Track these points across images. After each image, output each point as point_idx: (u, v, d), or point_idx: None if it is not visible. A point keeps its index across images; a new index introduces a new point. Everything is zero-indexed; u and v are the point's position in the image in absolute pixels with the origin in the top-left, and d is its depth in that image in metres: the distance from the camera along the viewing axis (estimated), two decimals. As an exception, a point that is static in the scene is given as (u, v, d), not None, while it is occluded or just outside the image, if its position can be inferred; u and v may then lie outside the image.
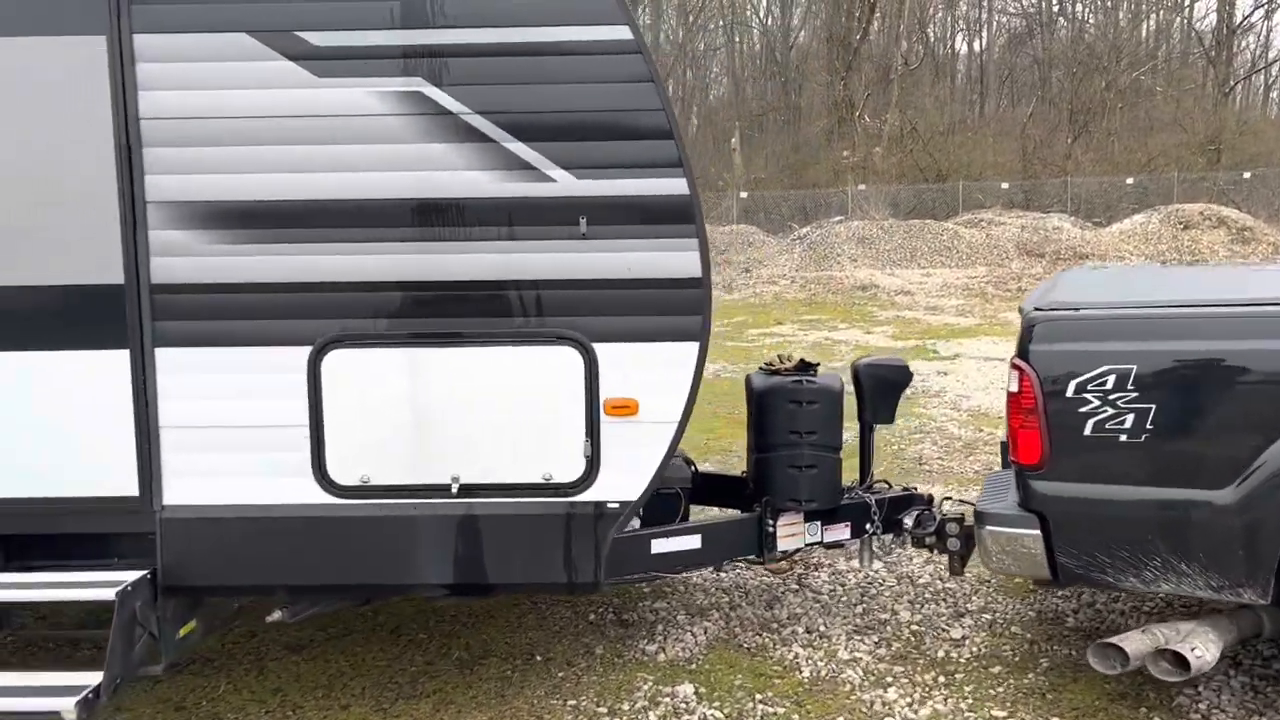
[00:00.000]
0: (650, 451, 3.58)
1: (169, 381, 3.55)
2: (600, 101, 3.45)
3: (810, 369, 4.73)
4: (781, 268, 23.27)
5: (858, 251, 24.01)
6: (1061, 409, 3.64)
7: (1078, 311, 3.72)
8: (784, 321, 16.47)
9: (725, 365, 12.25)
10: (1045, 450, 3.68)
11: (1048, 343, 3.69)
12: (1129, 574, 3.65)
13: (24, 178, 3.46)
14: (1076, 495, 3.66)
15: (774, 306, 18.66)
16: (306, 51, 3.42)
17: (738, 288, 21.51)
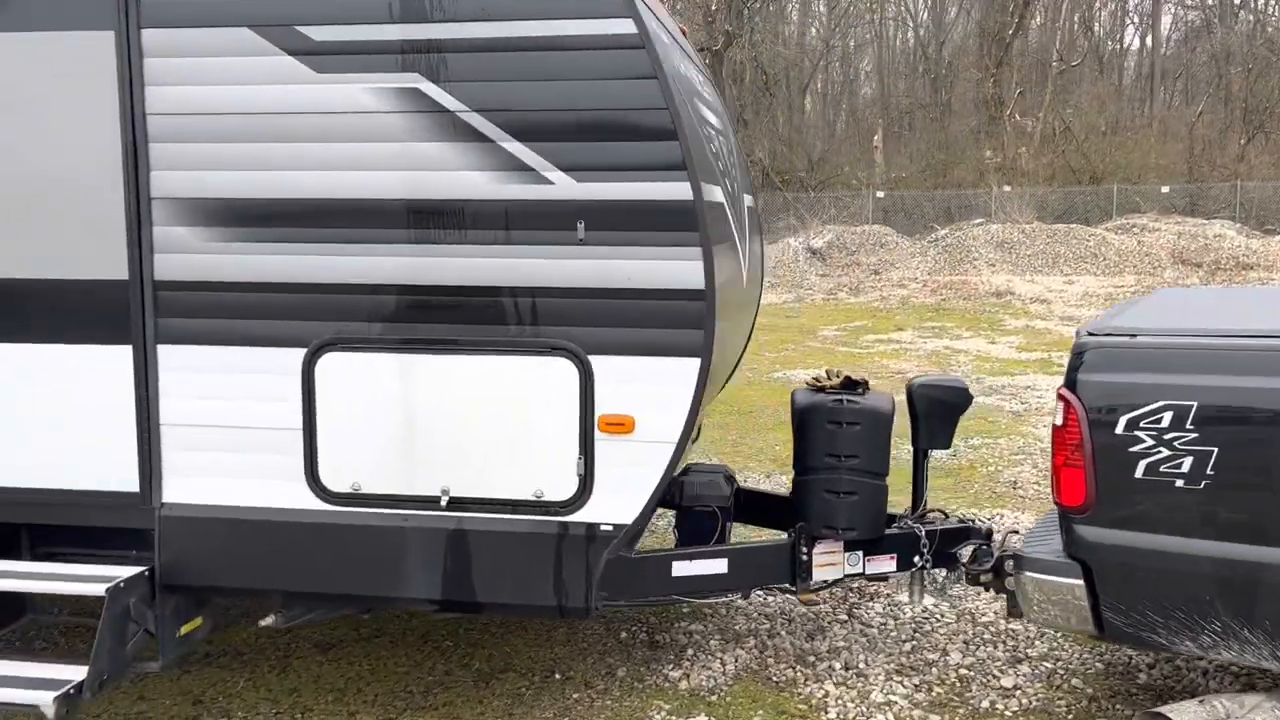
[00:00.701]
0: (646, 473, 3.36)
1: (170, 379, 3.53)
2: (601, 99, 3.25)
3: (856, 387, 4.41)
4: (913, 271, 22.46)
5: (996, 256, 22.97)
6: (1110, 447, 3.24)
7: (1134, 338, 3.30)
8: (905, 327, 15.85)
9: (831, 372, 11.82)
10: (1091, 492, 3.28)
11: (1098, 372, 3.29)
12: (1184, 637, 3.22)
13: (33, 172, 3.49)
14: (1125, 544, 3.26)
15: (898, 311, 18.01)
16: (306, 46, 3.33)
17: (864, 290, 20.87)
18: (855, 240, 24.35)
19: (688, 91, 3.77)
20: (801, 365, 12.33)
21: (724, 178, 4.21)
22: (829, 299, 20.10)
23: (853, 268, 22.90)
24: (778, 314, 17.89)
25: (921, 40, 48.50)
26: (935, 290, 20.46)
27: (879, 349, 13.70)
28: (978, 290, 20.24)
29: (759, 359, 12.86)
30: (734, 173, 4.71)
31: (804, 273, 22.56)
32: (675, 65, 3.64)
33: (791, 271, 22.69)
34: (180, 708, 4.14)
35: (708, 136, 4.03)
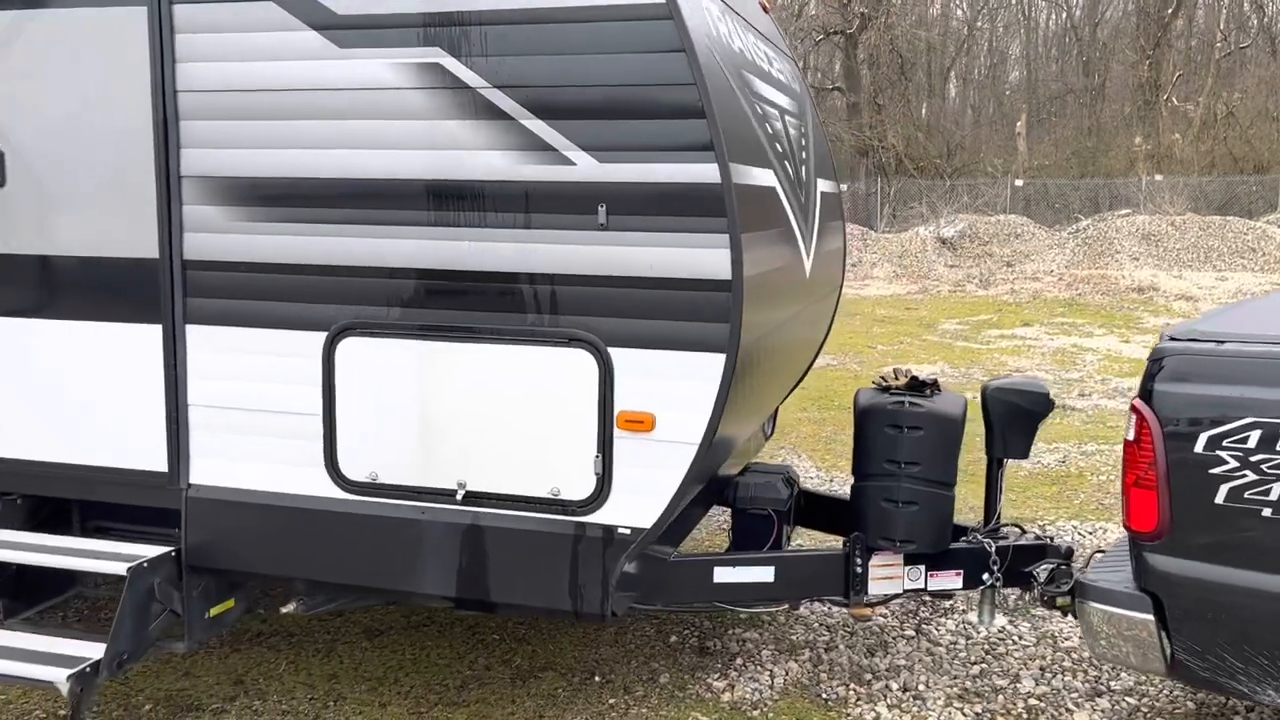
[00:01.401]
0: (667, 475, 3.15)
1: (198, 359, 3.50)
2: (625, 75, 3.03)
3: (924, 388, 4.08)
4: (1049, 263, 21.38)
5: (1140, 249, 21.66)
6: (1187, 467, 2.86)
7: (1220, 345, 2.91)
8: (1032, 323, 15.05)
9: (945, 368, 11.31)
10: (1163, 517, 2.91)
11: (1177, 382, 2.91)
12: (1268, 685, 2.83)
13: (69, 149, 3.51)
14: (1201, 578, 2.88)
15: (1028, 305, 17.13)
16: (329, 21, 3.23)
17: (994, 283, 19.95)
18: (989, 230, 23.34)
19: (734, 65, 3.52)
20: (914, 359, 11.82)
21: (783, 160, 3.94)
22: (955, 291, 19.30)
23: (984, 259, 21.96)
24: (898, 305, 17.28)
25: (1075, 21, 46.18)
26: (1071, 284, 19.40)
27: (1000, 345, 13.04)
28: (1117, 285, 19.10)
29: (870, 352, 12.42)
30: (802, 155, 4.43)
31: (931, 263, 21.74)
32: (717, 37, 3.40)
33: (919, 262, 21.90)
34: (221, 686, 4.15)
35: (763, 115, 3.77)
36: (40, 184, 3.55)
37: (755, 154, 3.46)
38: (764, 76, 4.07)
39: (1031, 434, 4.11)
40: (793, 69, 5.09)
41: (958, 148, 36.20)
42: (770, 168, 3.67)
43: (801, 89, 5.08)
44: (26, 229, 3.58)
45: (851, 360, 11.86)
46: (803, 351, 4.87)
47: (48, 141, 3.52)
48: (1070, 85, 43.93)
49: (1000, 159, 34.41)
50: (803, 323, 4.45)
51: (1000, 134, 40.17)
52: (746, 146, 3.36)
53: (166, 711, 3.95)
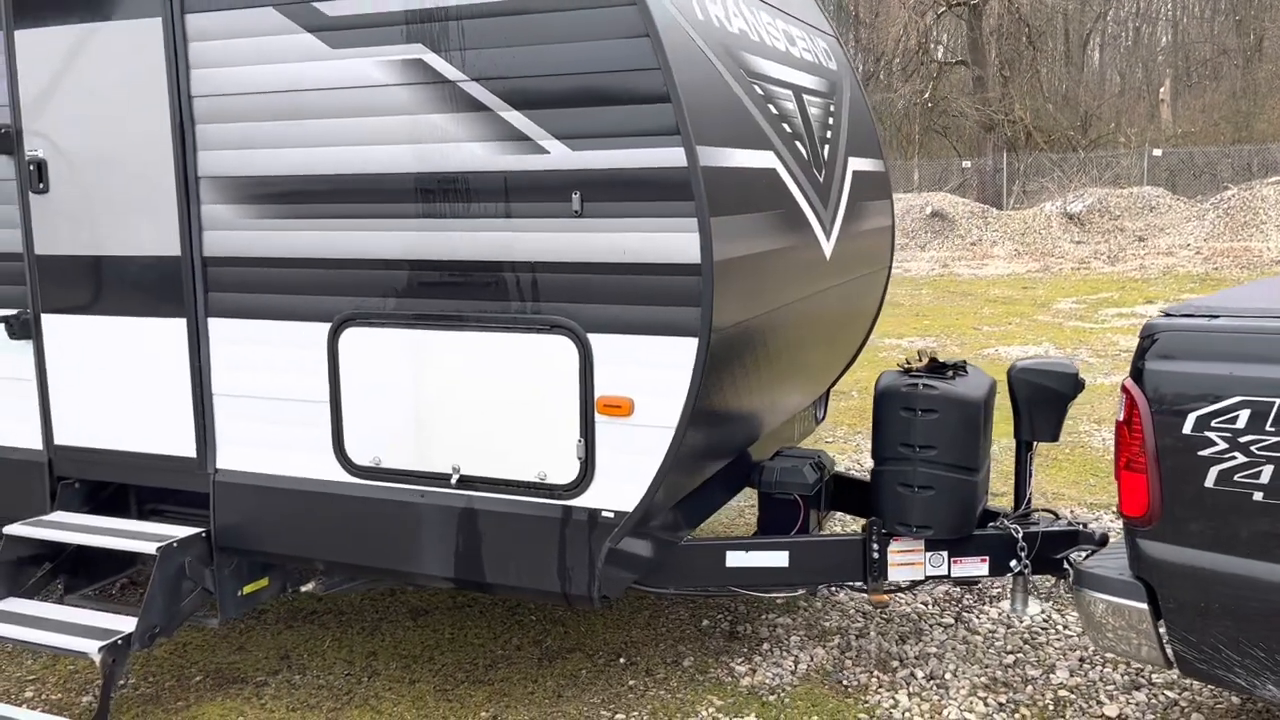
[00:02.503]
0: (647, 459, 3.16)
1: (219, 350, 3.70)
2: (593, 62, 3.05)
3: (946, 370, 3.97)
4: (1185, 236, 20.26)
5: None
6: (1176, 449, 2.71)
7: (1212, 320, 2.74)
8: (1156, 300, 14.30)
9: (1049, 348, 10.88)
10: (1154, 501, 2.77)
11: (1166, 360, 2.76)
12: (1266, 679, 2.66)
13: (99, 156, 3.75)
14: (1192, 565, 2.73)
15: (1155, 282, 16.29)
16: (322, 22, 3.36)
17: (1123, 259, 19.04)
18: (1120, 204, 22.24)
19: (725, 47, 3.49)
20: (1019, 341, 11.43)
21: (793, 141, 3.88)
22: (1080, 268, 18.50)
23: (1114, 234, 20.96)
24: (1014, 285, 16.69)
25: (1225, -23, 43.34)
26: (1208, 258, 18.37)
27: (1115, 324, 12.45)
28: (1261, 258, 17.98)
29: (973, 334, 12.05)
30: (825, 135, 4.35)
31: (1056, 240, 20.89)
32: (702, 19, 3.38)
33: (1042, 239, 21.08)
34: (268, 660, 4.38)
35: (765, 96, 3.73)
36: (78, 189, 3.81)
37: (745, 135, 3.43)
38: (775, 56, 4.02)
39: (1060, 416, 3.95)
40: (828, 46, 4.99)
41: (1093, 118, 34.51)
42: (769, 149, 3.63)
43: (839, 66, 4.98)
44: (68, 231, 3.85)
45: (953, 342, 11.54)
46: (837, 333, 4.78)
47: (83, 149, 3.77)
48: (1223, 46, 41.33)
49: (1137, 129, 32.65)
50: (828, 304, 4.37)
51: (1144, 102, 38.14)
52: (731, 128, 3.33)
53: (214, 682, 4.19)
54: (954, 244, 21.69)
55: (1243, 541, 2.63)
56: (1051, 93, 35.23)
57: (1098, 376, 9.20)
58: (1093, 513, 5.78)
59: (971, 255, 20.63)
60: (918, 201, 23.46)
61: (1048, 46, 36.45)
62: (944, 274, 18.72)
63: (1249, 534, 2.62)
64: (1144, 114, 35.83)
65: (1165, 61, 41.88)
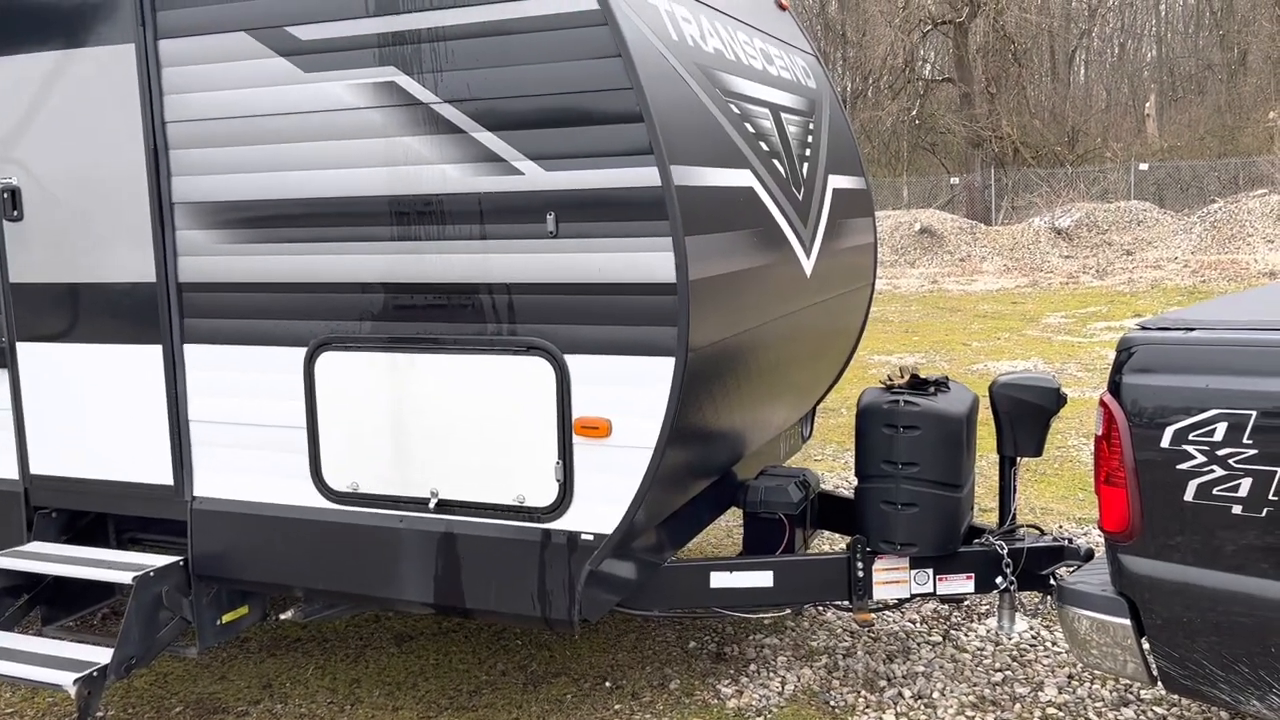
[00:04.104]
0: (625, 481, 3.14)
1: (195, 376, 3.67)
2: (565, 82, 3.05)
3: (927, 387, 3.96)
4: (1172, 250, 20.34)
5: (1276, 231, 20.39)
6: (1154, 463, 2.70)
7: (1189, 333, 2.73)
8: (1144, 313, 14.32)
9: (1038, 363, 10.88)
10: (1134, 516, 2.75)
11: (1143, 373, 2.75)
12: (1250, 695, 2.64)
13: (73, 182, 3.73)
14: (1173, 580, 2.71)
15: (1144, 296, 16.32)
16: (295, 47, 3.35)
17: (1111, 273, 19.09)
18: (1108, 218, 22.36)
19: (700, 66, 3.49)
20: (1008, 356, 11.43)
21: (770, 159, 3.88)
22: (1069, 283, 18.54)
23: (1102, 248, 21.04)
24: (1002, 300, 16.72)
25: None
26: (1196, 271, 18.43)
27: (1104, 338, 12.47)
28: (1248, 270, 18.04)
29: (962, 350, 12.05)
30: (804, 153, 4.34)
31: (1045, 254, 20.96)
32: (676, 39, 3.37)
33: (1031, 254, 21.15)
34: (250, 690, 4.32)
35: (742, 114, 3.73)
36: (52, 216, 3.78)
37: (721, 154, 3.42)
38: (752, 74, 4.02)
39: (1043, 431, 3.94)
40: (807, 64, 5.00)
41: (1080, 134, 34.70)
42: (746, 167, 3.62)
43: (818, 85, 4.99)
44: (43, 259, 3.82)
45: (942, 358, 11.54)
46: (821, 350, 4.77)
47: (57, 176, 3.75)
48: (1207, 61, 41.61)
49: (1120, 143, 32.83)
50: (810, 321, 4.36)
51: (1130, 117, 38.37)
52: (706, 147, 3.32)
53: (194, 713, 4.14)
54: (943, 260, 21.75)
55: (1224, 555, 2.61)
56: (1038, 109, 35.45)
57: (1086, 390, 9.20)
58: (1081, 528, 5.76)
59: (961, 271, 20.68)
60: (906, 218, 23.54)
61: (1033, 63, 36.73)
62: (933, 290, 18.75)
63: (1230, 548, 2.60)
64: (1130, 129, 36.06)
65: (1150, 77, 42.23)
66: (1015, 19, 32.07)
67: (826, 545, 5.46)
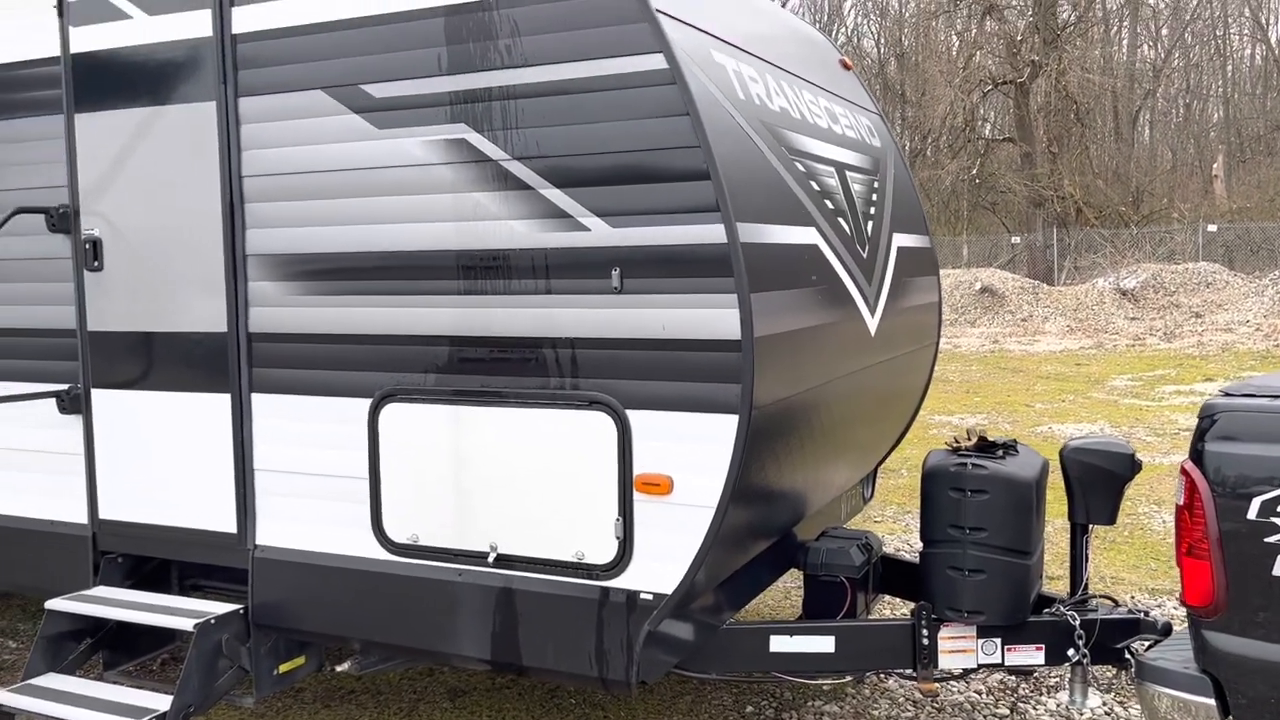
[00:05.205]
0: (686, 539, 3.09)
1: (262, 426, 3.71)
2: (633, 140, 3.07)
3: (995, 450, 3.87)
4: (1244, 313, 19.85)
5: (1353, 295, 19.83)
6: (1240, 534, 2.59)
7: (1275, 400, 2.63)
8: (1216, 378, 13.96)
9: (1104, 426, 10.63)
10: (1218, 590, 2.64)
11: (1227, 441, 2.66)
12: (1345, 785, 2.49)
13: (154, 235, 3.83)
14: (1262, 658, 2.58)
15: (1215, 359, 15.92)
16: (368, 104, 3.42)
17: (1179, 335, 18.67)
18: (1175, 279, 21.93)
19: (767, 124, 3.50)
20: (1074, 419, 11.18)
21: (835, 217, 3.86)
22: (1134, 345, 18.17)
23: (1169, 310, 20.61)
24: (1067, 361, 16.41)
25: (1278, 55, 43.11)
26: (1269, 335, 17.95)
27: (1173, 402, 12.16)
28: (1323, 334, 17.54)
29: (1026, 411, 11.82)
30: (869, 211, 4.32)
31: (1109, 316, 20.58)
32: (743, 98, 3.39)
33: (1095, 315, 20.78)
34: (305, 741, 4.31)
35: (807, 173, 3.72)
36: (130, 267, 3.88)
37: (786, 212, 3.41)
38: (817, 133, 4.02)
39: (1116, 498, 3.82)
40: (872, 123, 5.00)
41: (1145, 194, 34.23)
42: (811, 225, 3.61)
43: (883, 143, 4.98)
44: (119, 308, 3.92)
45: (1005, 419, 11.33)
46: (884, 410, 4.70)
47: (136, 228, 3.85)
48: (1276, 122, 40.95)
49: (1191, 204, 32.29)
50: (874, 380, 4.30)
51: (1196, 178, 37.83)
52: (772, 205, 3.32)
53: (248, 763, 4.13)
54: (1004, 320, 21.46)
55: (1315, 634, 2.49)
56: (1101, 169, 35.10)
57: (1156, 456, 8.96)
58: (1154, 599, 5.56)
59: (1022, 331, 20.38)
60: (967, 277, 23.32)
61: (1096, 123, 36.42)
62: (995, 350, 18.48)
63: (1322, 626, 2.48)
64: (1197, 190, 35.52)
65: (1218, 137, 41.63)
66: (1078, 79, 31.90)
67: (888, 610, 5.33)
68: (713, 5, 3.73)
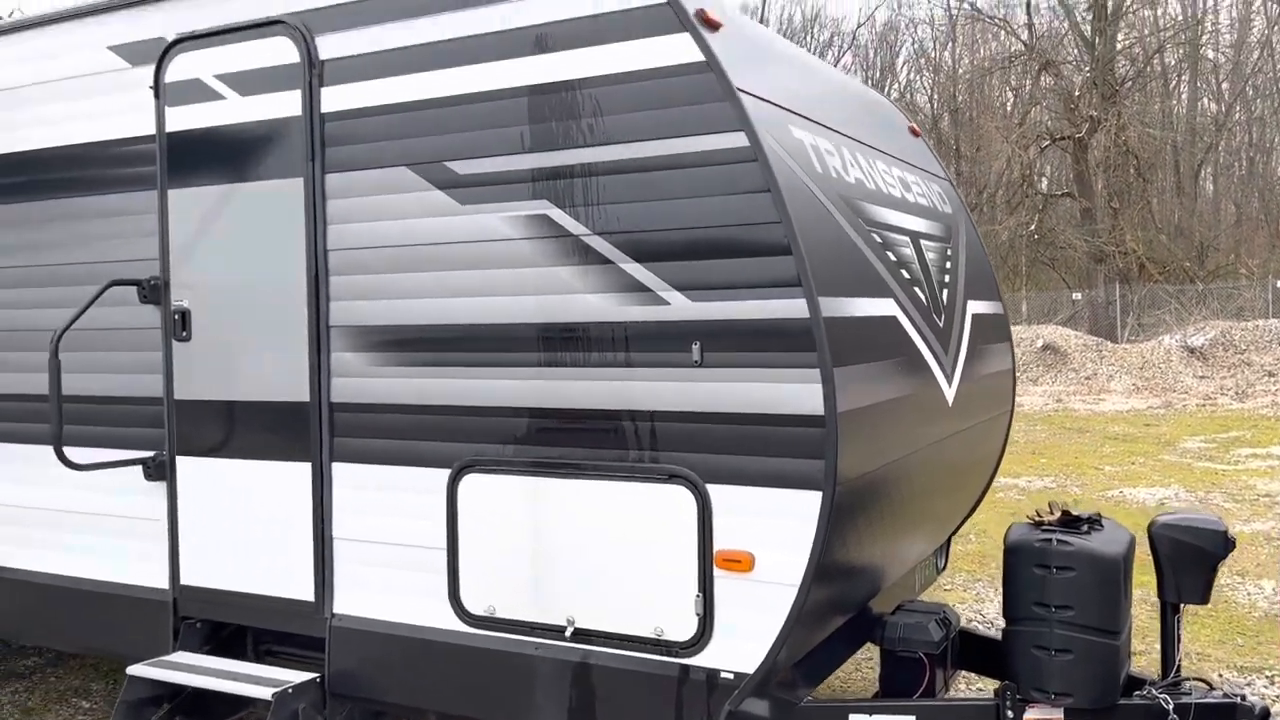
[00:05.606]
0: (768, 618, 3.05)
1: (342, 495, 3.76)
2: (714, 216, 3.09)
3: (1080, 524, 3.78)
4: (1320, 372, 19.32)
5: None
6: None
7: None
8: (1293, 440, 13.57)
9: (1179, 491, 10.35)
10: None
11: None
12: None
13: (238, 306, 3.93)
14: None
15: (1291, 420, 15.49)
16: (453, 180, 3.49)
17: (1253, 395, 18.20)
18: (1245, 337, 21.40)
19: (844, 197, 3.51)
20: (1145, 483, 10.90)
21: (911, 287, 3.85)
22: (1205, 405, 17.73)
23: (1240, 369, 20.11)
24: (1135, 422, 16.05)
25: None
26: (1347, 395, 17.43)
27: (1250, 465, 11.81)
28: (1406, 395, 16.99)
29: (1095, 474, 11.56)
30: (944, 279, 4.30)
31: (1177, 375, 20.13)
32: (821, 172, 3.41)
33: (1162, 374, 20.34)
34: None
35: (884, 243, 3.72)
36: (217, 337, 3.98)
37: (866, 284, 3.41)
38: (892, 203, 4.02)
39: (1209, 576, 3.71)
40: (943, 189, 4.99)
41: (1210, 249, 33.63)
42: (890, 296, 3.59)
43: (954, 209, 4.96)
44: (205, 377, 4.01)
45: (1073, 482, 11.08)
46: (960, 479, 4.62)
47: (223, 299, 3.95)
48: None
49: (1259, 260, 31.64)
50: (951, 450, 4.24)
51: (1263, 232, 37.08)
52: (852, 278, 3.31)
53: (319, 834, 4.10)
54: (1068, 378, 21.10)
55: None
56: (1164, 223, 34.59)
57: (1237, 523, 8.68)
58: (1244, 677, 5.36)
59: (1087, 390, 20.01)
60: (1028, 334, 23.00)
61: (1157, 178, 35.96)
62: (1059, 409, 18.15)
63: None
64: (1264, 244, 34.80)
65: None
66: (1138, 133, 31.60)
67: (965, 686, 5.20)
68: (789, 80, 3.77)
